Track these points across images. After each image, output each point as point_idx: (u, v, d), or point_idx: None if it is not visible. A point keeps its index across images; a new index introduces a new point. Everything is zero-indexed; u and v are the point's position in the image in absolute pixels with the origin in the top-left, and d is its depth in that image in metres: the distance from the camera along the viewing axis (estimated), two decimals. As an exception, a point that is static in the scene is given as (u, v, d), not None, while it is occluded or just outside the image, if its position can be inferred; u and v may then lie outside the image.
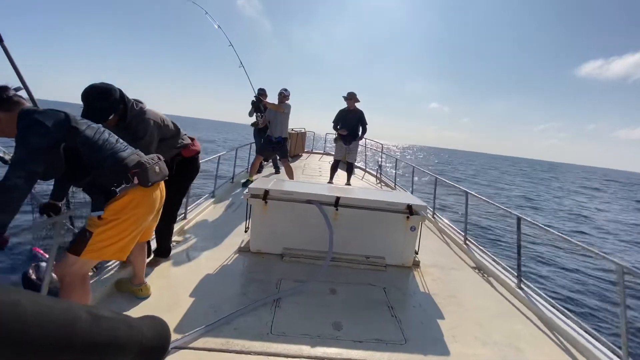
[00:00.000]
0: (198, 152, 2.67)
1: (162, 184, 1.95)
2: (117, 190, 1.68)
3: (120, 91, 1.99)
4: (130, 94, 2.11)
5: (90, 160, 1.59)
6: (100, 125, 1.73)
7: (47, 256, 1.91)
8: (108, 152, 1.63)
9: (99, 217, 1.61)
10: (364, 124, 5.92)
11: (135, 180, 1.68)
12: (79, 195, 2.34)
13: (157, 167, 1.79)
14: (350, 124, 5.85)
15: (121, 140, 1.77)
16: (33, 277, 2.09)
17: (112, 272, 2.30)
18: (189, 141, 2.57)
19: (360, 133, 6.00)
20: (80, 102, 1.89)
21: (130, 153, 1.72)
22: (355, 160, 6.21)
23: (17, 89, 1.54)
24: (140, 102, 2.18)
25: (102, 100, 1.91)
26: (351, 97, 5.75)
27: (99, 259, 1.72)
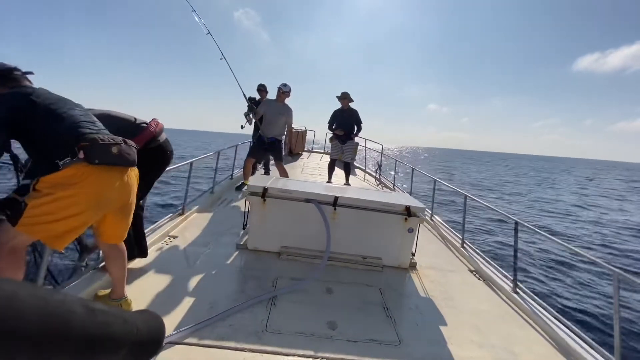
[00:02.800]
0: (154, 137, 2.23)
1: (133, 176, 1.75)
2: (61, 164, 1.47)
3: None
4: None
5: (43, 131, 1.48)
6: (79, 104, 1.65)
7: None
8: (66, 125, 1.50)
9: (33, 188, 1.44)
10: (359, 122, 6.00)
11: (81, 155, 1.48)
12: None
13: (114, 148, 1.57)
14: (345, 123, 5.91)
15: (98, 123, 1.62)
16: None
17: (92, 284, 2.10)
18: (145, 125, 2.21)
19: (355, 131, 6.03)
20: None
21: (92, 131, 1.55)
22: (351, 159, 6.21)
23: (26, 73, 1.56)
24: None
25: None
26: (345, 97, 5.80)
27: (32, 234, 1.46)
